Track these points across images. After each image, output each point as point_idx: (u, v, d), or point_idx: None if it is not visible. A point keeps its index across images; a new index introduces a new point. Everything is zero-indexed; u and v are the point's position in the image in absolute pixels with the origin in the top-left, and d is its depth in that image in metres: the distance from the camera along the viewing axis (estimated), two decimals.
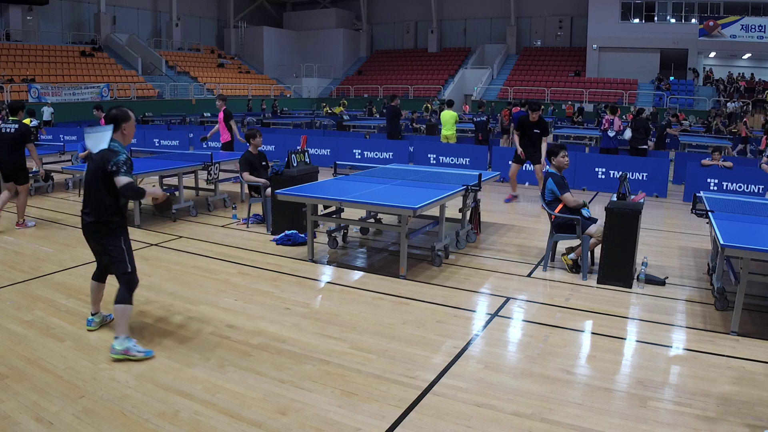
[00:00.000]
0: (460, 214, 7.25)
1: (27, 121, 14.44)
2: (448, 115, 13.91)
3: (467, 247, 7.12)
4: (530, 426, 3.30)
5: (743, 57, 33.41)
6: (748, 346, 4.42)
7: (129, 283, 4.17)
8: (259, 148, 8.24)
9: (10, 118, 7.56)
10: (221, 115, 11.13)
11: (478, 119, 14.02)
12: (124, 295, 4.12)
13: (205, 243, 7.16)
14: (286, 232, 7.16)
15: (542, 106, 10.17)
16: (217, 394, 3.57)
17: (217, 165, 8.88)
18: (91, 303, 4.53)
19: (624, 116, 12.95)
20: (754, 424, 3.36)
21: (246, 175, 7.93)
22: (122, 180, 3.99)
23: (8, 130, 7.41)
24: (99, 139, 4.10)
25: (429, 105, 27.77)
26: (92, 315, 4.54)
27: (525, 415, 3.41)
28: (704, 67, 33.55)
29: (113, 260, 4.19)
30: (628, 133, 12.57)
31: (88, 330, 4.49)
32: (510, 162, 10.57)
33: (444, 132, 13.90)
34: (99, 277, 4.49)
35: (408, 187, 6.77)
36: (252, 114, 27.11)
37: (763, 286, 5.83)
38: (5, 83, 23.16)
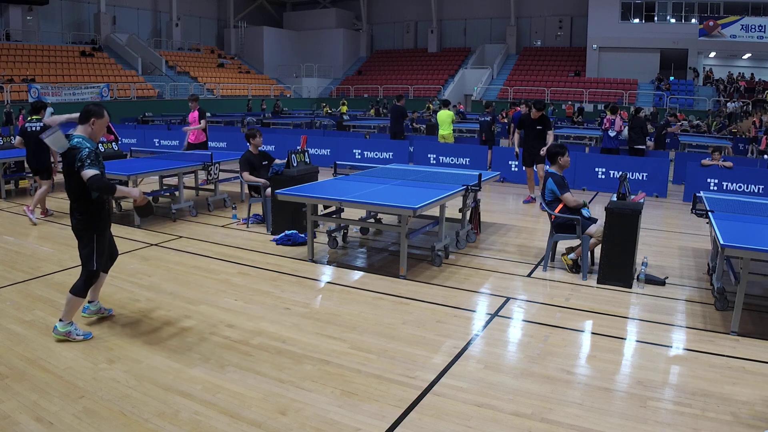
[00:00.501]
0: (460, 214, 7.25)
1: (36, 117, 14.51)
2: (444, 115, 13.90)
3: (467, 247, 7.12)
4: (530, 426, 3.30)
5: (743, 57, 33.40)
6: (748, 346, 4.43)
7: (89, 279, 4.28)
8: (260, 148, 8.23)
9: (33, 117, 7.92)
10: (196, 114, 10.92)
11: (483, 119, 14.01)
12: (80, 288, 4.24)
13: (205, 243, 7.16)
14: (286, 232, 7.16)
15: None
16: (217, 394, 3.57)
17: (217, 165, 8.89)
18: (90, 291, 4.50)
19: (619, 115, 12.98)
20: (754, 424, 3.36)
21: (246, 175, 7.93)
22: (88, 173, 3.97)
23: (33, 128, 7.89)
24: (57, 141, 4.08)
25: (430, 105, 27.78)
26: (88, 302, 4.58)
27: (525, 415, 3.41)
28: (704, 67, 33.54)
29: (82, 258, 4.28)
30: (626, 133, 12.58)
31: (82, 316, 4.52)
32: (523, 167, 10.43)
33: (441, 132, 13.89)
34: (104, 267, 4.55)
35: (408, 187, 6.77)
36: (252, 114, 27.12)
37: (763, 286, 5.84)
38: (5, 83, 23.16)
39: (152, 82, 30.16)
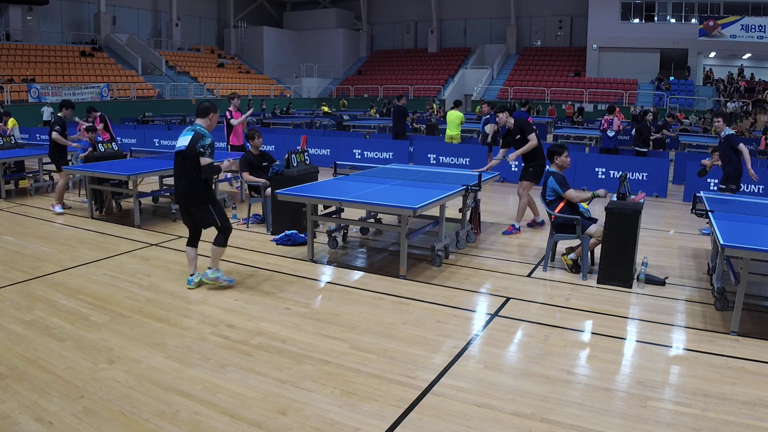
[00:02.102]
0: (460, 214, 7.25)
1: (12, 122, 14.38)
2: (453, 116, 13.83)
3: (467, 247, 7.12)
4: (530, 426, 3.30)
5: (743, 57, 33.41)
6: (748, 346, 4.42)
7: (225, 232, 5.36)
8: (260, 148, 8.21)
9: (59, 114, 9.13)
10: (239, 115, 10.32)
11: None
12: (221, 240, 5.35)
13: (205, 243, 7.12)
14: (286, 232, 7.16)
15: (506, 107, 8.24)
16: (217, 394, 3.57)
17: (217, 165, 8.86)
18: (189, 265, 5.53)
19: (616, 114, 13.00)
20: (754, 424, 3.36)
21: (246, 175, 7.93)
22: (205, 160, 5.13)
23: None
24: (183, 140, 5.24)
25: (434, 105, 27.83)
26: (191, 276, 5.48)
27: (525, 415, 3.41)
28: (704, 67, 33.54)
29: (205, 221, 5.34)
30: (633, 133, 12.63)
31: (188, 288, 5.39)
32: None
33: (449, 132, 13.85)
34: (192, 242, 5.53)
35: (408, 187, 6.77)
36: (252, 114, 27.08)
37: (763, 286, 5.84)
38: (5, 83, 23.15)
39: (152, 82, 30.15)
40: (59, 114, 9.18)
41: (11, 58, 26.06)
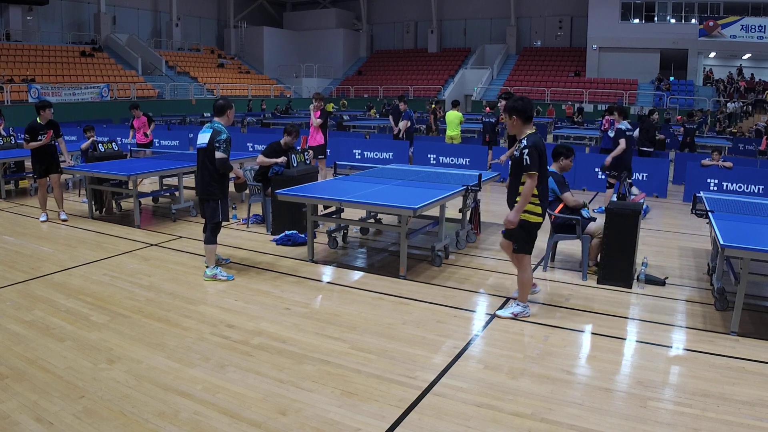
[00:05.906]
0: (460, 214, 7.24)
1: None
2: (452, 116, 13.84)
3: (467, 247, 7.12)
4: (530, 426, 3.30)
5: (743, 57, 33.41)
6: (748, 346, 4.42)
7: (215, 229, 5.71)
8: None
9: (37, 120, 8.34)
10: (318, 114, 10.06)
11: (487, 120, 13.98)
12: (210, 239, 5.67)
13: (199, 242, 7.14)
14: (286, 232, 7.15)
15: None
16: (217, 394, 3.58)
17: None
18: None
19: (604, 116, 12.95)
20: (754, 424, 3.36)
21: (261, 158, 7.74)
22: (219, 155, 5.46)
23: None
24: (203, 137, 5.57)
25: (434, 105, 27.80)
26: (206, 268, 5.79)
27: (525, 415, 3.41)
28: (704, 68, 33.54)
29: (208, 211, 5.65)
30: (635, 134, 12.55)
31: (204, 280, 5.61)
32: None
33: (449, 132, 13.85)
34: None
35: (408, 187, 6.77)
36: (252, 114, 27.11)
37: (763, 286, 5.84)
38: (5, 83, 23.15)
39: (152, 83, 30.15)
40: (37, 119, 7.94)
41: (11, 58, 26.05)
